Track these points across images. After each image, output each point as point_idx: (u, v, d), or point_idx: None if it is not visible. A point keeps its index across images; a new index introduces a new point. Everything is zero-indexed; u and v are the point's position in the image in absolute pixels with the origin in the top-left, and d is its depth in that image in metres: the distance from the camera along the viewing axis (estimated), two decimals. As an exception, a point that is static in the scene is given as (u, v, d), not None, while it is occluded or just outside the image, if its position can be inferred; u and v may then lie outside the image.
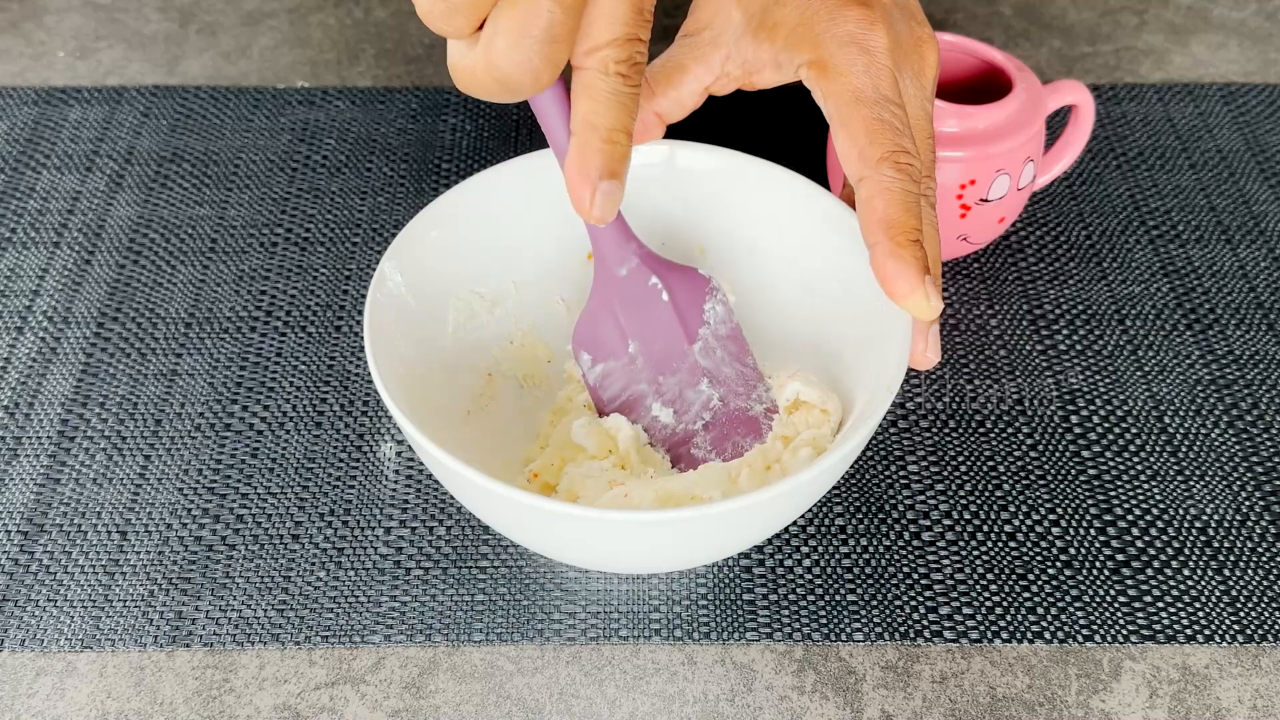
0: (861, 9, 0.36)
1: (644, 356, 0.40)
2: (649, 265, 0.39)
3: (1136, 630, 0.40)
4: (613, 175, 0.31)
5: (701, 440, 0.41)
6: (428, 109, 0.59)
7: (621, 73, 0.30)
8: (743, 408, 0.41)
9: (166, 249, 0.53)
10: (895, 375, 0.35)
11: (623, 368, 0.40)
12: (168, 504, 0.43)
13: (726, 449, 0.41)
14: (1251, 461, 0.45)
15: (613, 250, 0.38)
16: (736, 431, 0.41)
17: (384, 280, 0.39)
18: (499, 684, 0.39)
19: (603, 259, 0.38)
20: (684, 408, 0.41)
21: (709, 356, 0.40)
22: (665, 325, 0.40)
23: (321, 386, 0.47)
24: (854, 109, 0.35)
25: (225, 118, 0.59)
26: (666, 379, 0.40)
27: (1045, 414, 0.46)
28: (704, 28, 0.39)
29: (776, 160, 0.43)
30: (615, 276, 0.39)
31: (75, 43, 0.64)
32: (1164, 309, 0.50)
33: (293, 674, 0.39)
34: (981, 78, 0.50)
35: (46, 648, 0.39)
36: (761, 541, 0.42)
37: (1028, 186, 0.48)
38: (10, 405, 0.46)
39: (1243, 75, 0.62)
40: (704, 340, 0.40)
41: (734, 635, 0.40)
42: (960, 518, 0.43)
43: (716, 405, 0.41)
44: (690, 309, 0.40)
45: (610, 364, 0.40)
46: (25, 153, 0.57)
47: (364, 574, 0.41)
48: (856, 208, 0.35)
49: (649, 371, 0.40)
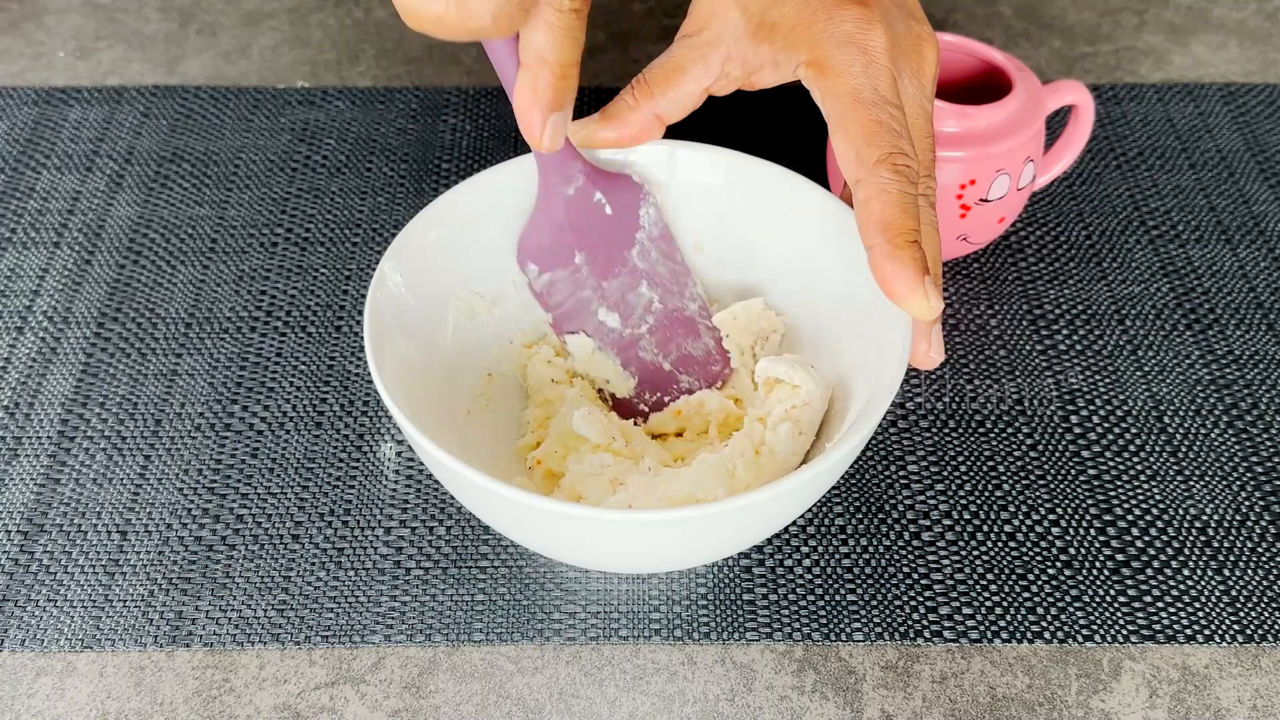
0: (860, 8, 0.36)
1: (589, 265, 0.43)
2: (593, 182, 0.41)
3: (1136, 630, 0.40)
4: (561, 107, 0.34)
5: (647, 343, 0.44)
6: (428, 109, 0.59)
7: (575, 8, 0.32)
8: (679, 307, 0.44)
9: (166, 249, 0.53)
10: (895, 375, 0.35)
11: (569, 275, 0.43)
12: (168, 504, 0.43)
13: (671, 350, 0.44)
14: (1251, 461, 0.45)
15: (559, 171, 0.40)
16: (677, 333, 0.44)
17: (384, 280, 0.39)
18: (499, 684, 0.39)
19: (549, 178, 0.40)
20: (628, 311, 0.43)
21: (645, 258, 0.43)
22: (608, 235, 0.42)
23: (321, 386, 0.47)
24: (852, 110, 0.35)
25: (225, 118, 0.59)
26: (609, 283, 0.43)
27: (1045, 414, 0.46)
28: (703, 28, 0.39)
29: (776, 160, 0.43)
30: (562, 194, 0.41)
31: (75, 43, 0.64)
32: (1164, 309, 0.50)
33: (293, 674, 0.39)
34: (981, 78, 0.50)
35: (46, 648, 0.39)
36: (761, 541, 0.42)
37: (1028, 186, 0.48)
38: (10, 405, 0.46)
39: (1243, 75, 0.62)
40: (640, 244, 0.43)
41: (734, 635, 0.40)
42: (960, 518, 0.43)
43: (657, 307, 0.43)
44: (628, 216, 0.42)
45: (557, 273, 0.43)
46: (25, 153, 0.57)
47: (364, 574, 0.41)
48: (854, 209, 0.35)
49: (593, 278, 0.43)
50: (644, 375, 0.44)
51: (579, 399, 0.43)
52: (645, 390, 0.44)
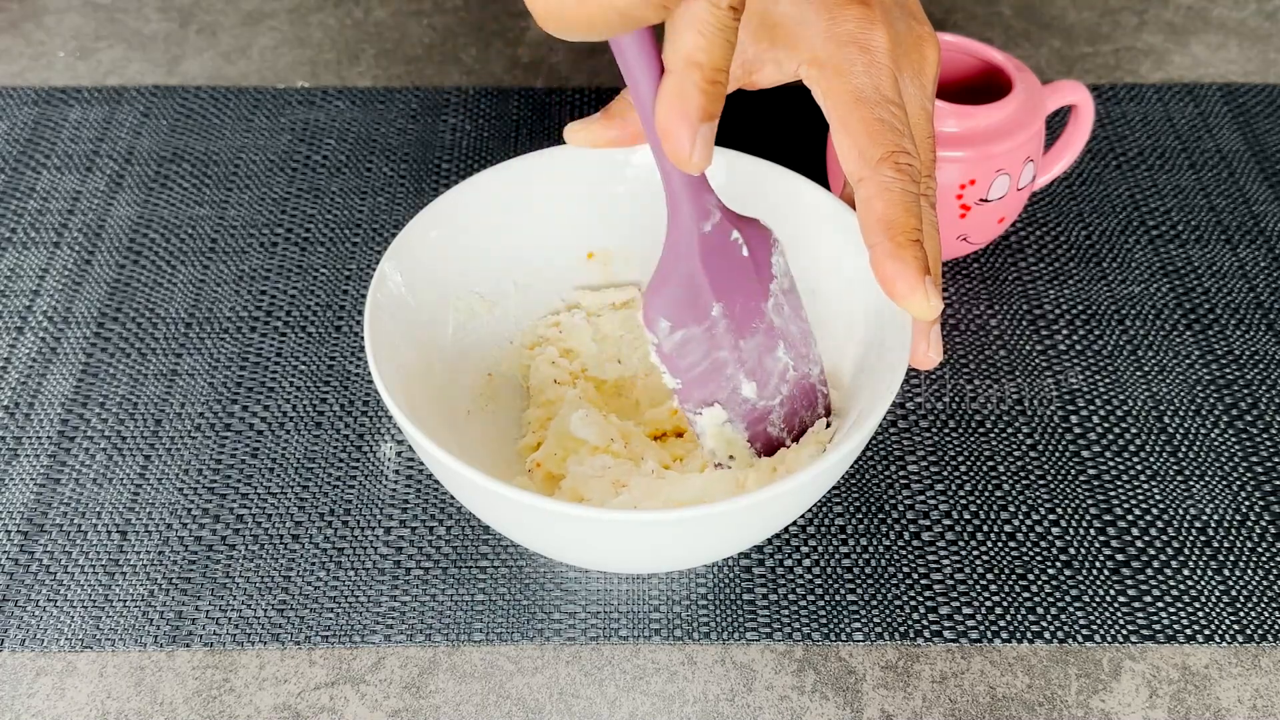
0: (861, 8, 0.36)
1: (726, 318, 0.37)
2: (729, 218, 0.35)
3: (1136, 630, 0.40)
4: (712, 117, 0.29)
5: (776, 417, 0.39)
6: (428, 109, 0.59)
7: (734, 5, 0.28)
8: (806, 374, 0.39)
9: (166, 249, 0.53)
10: (895, 375, 0.35)
11: (704, 332, 0.37)
12: (168, 504, 0.43)
13: (795, 424, 0.39)
14: (1251, 461, 0.45)
15: (696, 203, 0.34)
16: (801, 404, 0.39)
17: (384, 280, 0.39)
18: (499, 684, 0.39)
19: (684, 214, 0.34)
20: (764, 379, 0.38)
21: (779, 314, 0.38)
22: (746, 282, 0.37)
23: (321, 386, 0.47)
24: (854, 109, 0.35)
25: (225, 118, 0.59)
26: (746, 342, 0.37)
27: (1045, 414, 0.46)
28: (704, 28, 0.39)
29: (776, 160, 0.43)
30: (699, 232, 0.35)
31: (75, 43, 0.64)
32: (1164, 309, 0.50)
33: (293, 674, 0.39)
34: (981, 78, 0.50)
35: (46, 648, 0.39)
36: (761, 541, 0.42)
37: (1028, 186, 0.48)
38: (10, 405, 0.46)
39: (1243, 75, 0.62)
40: (774, 296, 0.38)
41: (734, 635, 0.40)
42: (960, 518, 0.43)
43: (791, 375, 0.38)
44: (763, 263, 0.37)
45: (691, 329, 0.37)
46: (25, 153, 0.57)
47: (364, 574, 0.41)
48: (856, 208, 0.35)
49: (730, 336, 0.37)
50: (764, 449, 0.39)
51: (578, 400, 0.43)
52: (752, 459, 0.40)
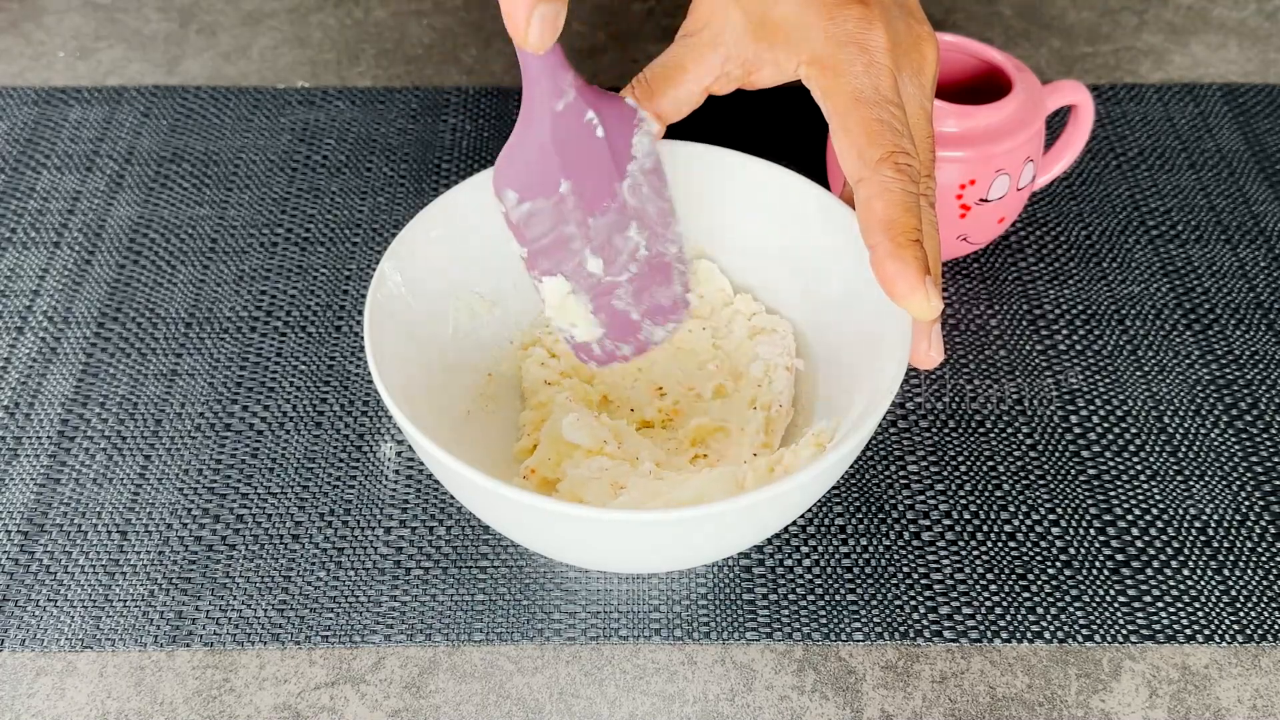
0: (860, 8, 0.36)
1: (575, 195, 0.38)
2: (585, 98, 0.36)
3: (1136, 630, 0.40)
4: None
5: (624, 291, 0.40)
6: (428, 109, 0.59)
7: None
8: (660, 252, 0.40)
9: (166, 249, 0.53)
10: (895, 375, 0.35)
11: (552, 206, 0.38)
12: (168, 504, 0.43)
13: (644, 299, 0.41)
14: (1251, 461, 0.45)
15: (549, 81, 0.35)
16: (655, 280, 0.41)
17: (384, 280, 0.39)
18: (499, 684, 0.39)
19: (536, 91, 0.36)
20: (612, 256, 0.39)
21: (636, 194, 0.39)
22: (599, 162, 0.38)
23: (321, 386, 0.47)
24: (853, 109, 0.35)
25: (225, 118, 0.59)
26: (596, 220, 0.38)
27: (1045, 414, 0.46)
28: (703, 27, 0.39)
29: (776, 160, 0.43)
30: (550, 110, 0.36)
31: (75, 43, 0.64)
32: (1164, 309, 0.50)
33: (293, 674, 0.39)
34: (981, 78, 0.50)
35: (46, 648, 0.39)
36: (761, 541, 0.42)
37: (1028, 186, 0.48)
38: (10, 405, 0.46)
39: (1243, 75, 0.62)
40: (632, 176, 0.38)
41: (734, 635, 0.40)
42: (960, 518, 0.43)
43: (643, 254, 0.40)
44: (621, 144, 0.38)
45: (539, 202, 0.38)
46: (25, 153, 0.57)
47: (364, 574, 0.41)
48: (856, 208, 0.35)
49: (579, 212, 0.38)
50: (612, 323, 0.41)
51: (568, 403, 0.42)
52: (608, 339, 0.42)
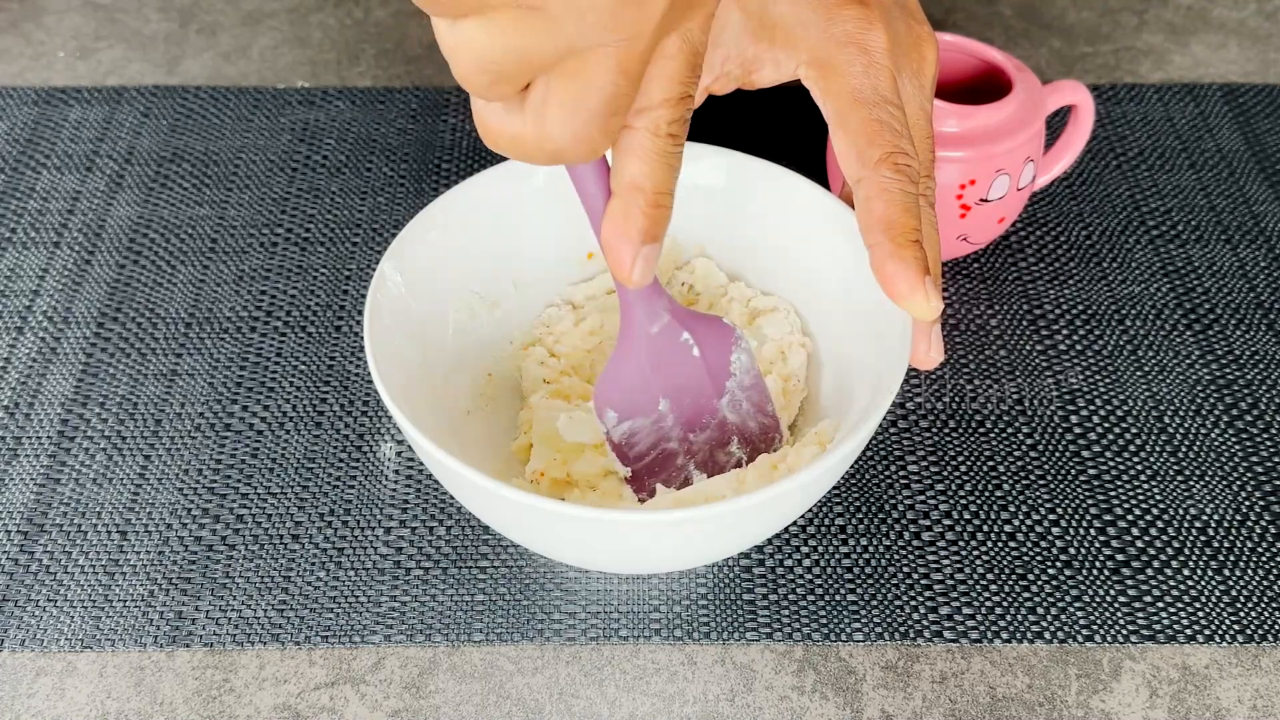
0: (860, 8, 0.36)
1: (674, 414, 0.39)
2: (680, 321, 0.38)
3: (1136, 630, 0.40)
4: (655, 239, 0.30)
5: None
6: (428, 109, 0.59)
7: (673, 133, 0.28)
8: None
9: (166, 249, 0.53)
10: (895, 375, 0.35)
11: (651, 425, 0.39)
12: (168, 504, 0.43)
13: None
14: (1251, 461, 0.45)
15: (645, 307, 0.37)
16: None
17: (384, 280, 0.39)
18: (499, 684, 0.39)
19: (633, 316, 0.37)
20: (716, 471, 0.40)
21: (736, 410, 0.40)
22: (695, 381, 0.39)
23: (321, 386, 0.47)
24: (852, 110, 0.35)
25: (225, 118, 0.59)
26: (696, 435, 0.40)
27: (1045, 414, 0.46)
28: (704, 28, 0.39)
29: (776, 160, 0.43)
30: (646, 334, 0.37)
31: (75, 43, 0.64)
32: (1164, 309, 0.50)
33: (293, 674, 0.39)
34: (981, 78, 0.50)
35: (46, 648, 0.39)
36: (762, 541, 0.42)
37: (1028, 186, 0.48)
38: (10, 405, 0.46)
39: (1243, 75, 0.62)
40: (730, 393, 0.40)
41: (734, 635, 0.40)
42: (960, 518, 0.43)
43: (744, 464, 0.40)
44: (718, 362, 0.39)
45: (638, 421, 0.39)
46: (25, 153, 0.57)
47: (364, 574, 0.41)
48: (855, 209, 0.35)
49: (679, 429, 0.39)
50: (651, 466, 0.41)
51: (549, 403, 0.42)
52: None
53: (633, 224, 0.29)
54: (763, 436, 0.41)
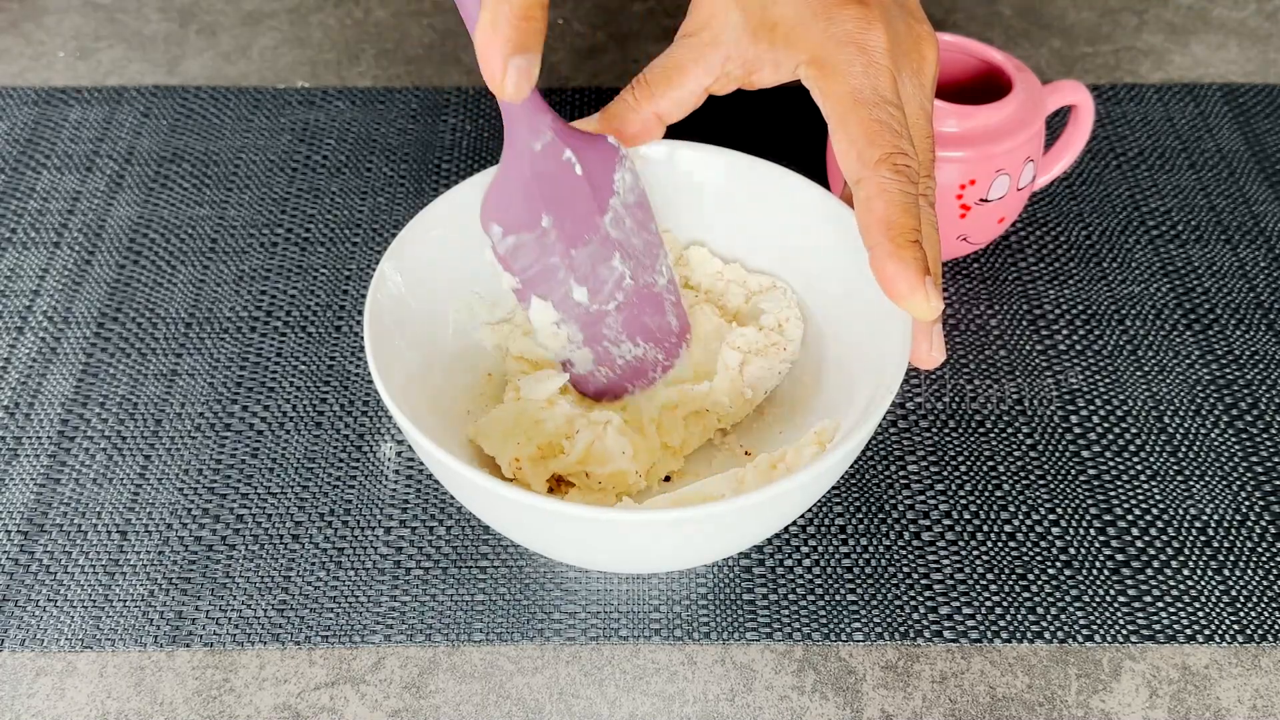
0: (860, 8, 0.36)
1: (557, 229, 0.40)
2: (563, 139, 0.38)
3: (1136, 630, 0.40)
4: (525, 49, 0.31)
5: (613, 320, 0.41)
6: (428, 109, 0.59)
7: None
8: (650, 282, 0.42)
9: (166, 249, 0.53)
10: (895, 375, 0.35)
11: (535, 240, 0.40)
12: (168, 504, 0.43)
13: (635, 329, 0.42)
14: (1251, 461, 0.45)
15: (526, 124, 0.37)
16: (644, 310, 0.42)
17: (384, 280, 0.39)
18: (499, 684, 0.39)
19: (516, 132, 0.38)
20: (597, 285, 0.41)
21: (619, 227, 0.40)
22: (578, 198, 0.39)
23: (321, 386, 0.47)
24: (852, 110, 0.35)
25: (225, 118, 0.59)
26: (579, 252, 0.40)
27: (1045, 414, 0.46)
28: (703, 28, 0.39)
29: (776, 160, 0.42)
30: (529, 150, 0.38)
31: (75, 43, 0.64)
32: (1164, 309, 0.50)
33: (293, 674, 0.39)
34: (981, 78, 0.50)
35: (46, 648, 0.39)
36: (762, 541, 0.42)
37: (1028, 186, 0.48)
38: (10, 405, 0.46)
39: (1243, 75, 0.62)
40: (614, 210, 0.40)
41: (734, 635, 0.40)
42: (960, 518, 0.43)
43: (628, 284, 0.41)
44: (602, 180, 0.40)
45: (523, 236, 0.40)
46: (25, 153, 0.57)
47: (364, 574, 0.41)
48: (855, 209, 0.35)
49: (561, 244, 0.40)
50: (601, 354, 0.42)
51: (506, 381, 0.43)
52: (601, 368, 0.43)
53: (499, 34, 0.31)
54: (647, 252, 0.41)
